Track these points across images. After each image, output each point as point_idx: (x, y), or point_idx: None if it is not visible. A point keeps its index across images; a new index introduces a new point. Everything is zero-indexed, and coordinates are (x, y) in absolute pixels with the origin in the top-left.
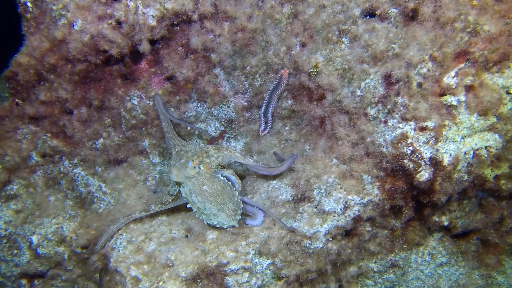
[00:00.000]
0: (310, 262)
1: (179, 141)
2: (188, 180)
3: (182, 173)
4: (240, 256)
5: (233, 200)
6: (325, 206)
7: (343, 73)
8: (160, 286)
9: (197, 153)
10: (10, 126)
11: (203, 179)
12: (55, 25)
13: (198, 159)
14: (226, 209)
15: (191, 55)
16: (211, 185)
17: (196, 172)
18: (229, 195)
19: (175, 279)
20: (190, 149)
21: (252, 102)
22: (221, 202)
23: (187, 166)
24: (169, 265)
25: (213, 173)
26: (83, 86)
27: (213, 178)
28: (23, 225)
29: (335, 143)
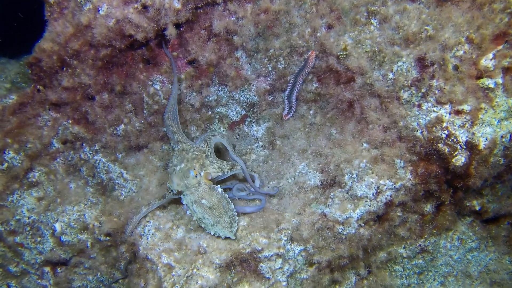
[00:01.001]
0: (342, 247)
1: (182, 137)
2: (189, 190)
3: (183, 182)
4: (273, 242)
5: (229, 214)
6: (357, 191)
7: (373, 56)
8: (194, 273)
9: (196, 157)
10: (32, 113)
11: (203, 192)
12: (81, 10)
13: (198, 162)
14: (222, 221)
15: (213, 38)
16: (210, 198)
17: (197, 182)
18: (225, 209)
19: (209, 266)
20: (190, 148)
21: (275, 85)
22: (218, 215)
23: (189, 175)
24: (202, 252)
25: (211, 185)
26: (105, 71)
27: (212, 191)
28: (45, 212)
29: (365, 127)
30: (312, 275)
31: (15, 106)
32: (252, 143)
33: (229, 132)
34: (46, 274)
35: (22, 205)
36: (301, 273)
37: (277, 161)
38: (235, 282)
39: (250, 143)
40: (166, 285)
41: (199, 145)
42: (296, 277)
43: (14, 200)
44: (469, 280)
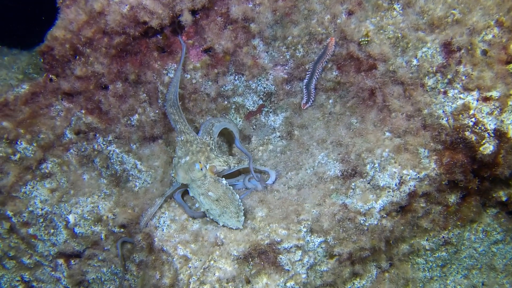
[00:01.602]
0: (364, 239)
1: (185, 127)
2: (195, 183)
3: (189, 176)
4: (293, 233)
5: (234, 204)
6: (379, 181)
7: (396, 42)
8: (212, 265)
9: (201, 149)
10: (44, 103)
11: (208, 184)
12: None
13: (203, 155)
14: (228, 211)
15: (229, 26)
16: (215, 190)
17: (202, 175)
18: (230, 199)
19: (227, 257)
20: (194, 140)
21: (293, 74)
22: (224, 205)
23: (194, 168)
24: (219, 244)
25: (217, 177)
26: (119, 60)
27: (217, 183)
28: (59, 204)
29: (387, 115)
30: (333, 267)
31: (27, 96)
32: (269, 134)
33: (245, 122)
34: (59, 266)
35: (35, 196)
36: (321, 265)
37: (295, 152)
38: (253, 274)
39: (267, 133)
40: (183, 277)
41: (202, 137)
42: (316, 269)
43: (27, 192)
44: (494, 273)
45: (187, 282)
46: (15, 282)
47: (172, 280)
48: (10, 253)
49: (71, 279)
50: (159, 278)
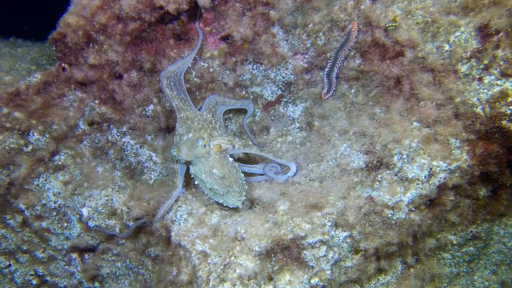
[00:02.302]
0: (391, 234)
1: (184, 104)
2: (198, 160)
3: (192, 152)
4: (317, 228)
5: (238, 183)
6: (408, 173)
7: (425, 27)
8: (232, 261)
9: (203, 126)
10: (57, 93)
11: (213, 161)
12: None
13: (206, 133)
14: (231, 191)
15: (248, 12)
16: (221, 168)
17: (206, 151)
18: (235, 178)
19: (248, 253)
20: (194, 117)
21: (314, 63)
22: (228, 185)
23: (197, 145)
24: (239, 239)
25: (222, 154)
26: (134, 47)
27: (222, 160)
28: (72, 197)
29: (415, 104)
30: (358, 263)
31: (39, 85)
32: (288, 125)
33: (263, 113)
34: (73, 260)
35: (48, 189)
36: (345, 261)
37: (316, 143)
38: (275, 271)
39: (286, 124)
40: (201, 274)
41: (204, 114)
42: (340, 265)
43: (39, 184)
44: None
45: (206, 279)
46: (28, 276)
47: (190, 276)
48: (23, 247)
49: (85, 273)
50: (176, 275)
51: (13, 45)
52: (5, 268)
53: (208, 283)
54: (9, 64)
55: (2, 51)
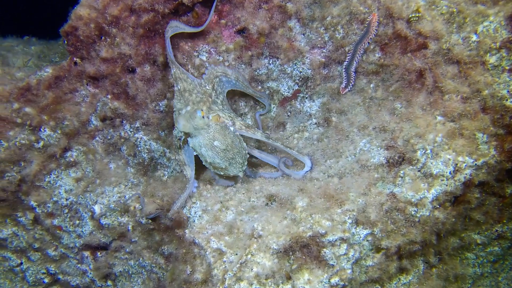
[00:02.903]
0: (415, 232)
1: (182, 73)
2: (197, 131)
3: (191, 124)
4: (337, 225)
5: (241, 153)
6: (432, 168)
7: (450, 18)
8: (249, 259)
9: (202, 99)
10: (69, 87)
11: (214, 132)
12: None
13: (204, 105)
14: (234, 163)
15: (264, 5)
16: (223, 139)
17: (205, 123)
18: (238, 149)
19: (265, 251)
20: (193, 89)
21: (332, 57)
22: (231, 157)
23: (196, 116)
24: (256, 236)
25: (223, 123)
26: (147, 40)
27: (224, 130)
28: (84, 194)
29: (439, 98)
30: (379, 262)
31: (51, 80)
32: (305, 120)
33: (280, 108)
34: (86, 258)
35: (60, 186)
36: (366, 260)
37: (334, 139)
38: (294, 270)
39: (303, 120)
40: (217, 273)
41: (203, 85)
42: (361, 264)
43: (51, 181)
44: None
45: (222, 278)
46: (40, 274)
47: (205, 275)
48: (35, 245)
49: (97, 271)
50: (190, 273)
51: (26, 44)
52: (16, 267)
53: (224, 282)
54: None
55: (16, 49)
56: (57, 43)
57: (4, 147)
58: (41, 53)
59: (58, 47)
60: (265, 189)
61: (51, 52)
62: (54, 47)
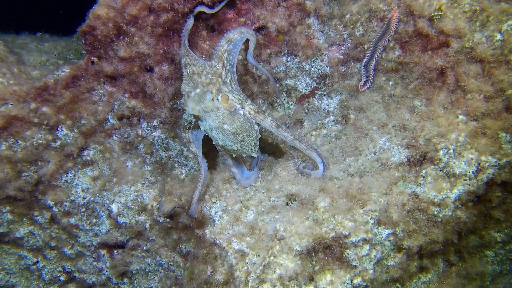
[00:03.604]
0: (437, 232)
1: (190, 59)
2: (207, 114)
3: (200, 107)
4: (360, 226)
5: (252, 136)
6: (455, 168)
7: (473, 16)
8: (272, 261)
9: (211, 81)
10: (86, 87)
11: (223, 116)
12: None
13: (214, 87)
14: (245, 145)
15: (283, 3)
16: (232, 123)
17: (215, 106)
18: (248, 132)
19: (288, 253)
20: (202, 71)
21: (350, 54)
22: (242, 140)
23: (205, 98)
24: (279, 238)
25: (232, 108)
26: (165, 39)
27: (233, 115)
28: (101, 192)
29: (461, 96)
30: (400, 261)
31: (68, 80)
32: (323, 118)
33: (297, 106)
34: (102, 256)
35: (77, 185)
36: (388, 260)
37: (352, 136)
38: (316, 271)
39: (321, 117)
40: (239, 274)
41: (213, 64)
42: (382, 264)
43: (68, 180)
44: None
45: (245, 280)
46: (56, 272)
47: (226, 276)
48: (52, 243)
49: (114, 270)
50: (211, 274)
51: (40, 40)
52: (32, 265)
53: (247, 284)
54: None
55: (30, 46)
56: (70, 39)
57: (21, 147)
58: (55, 50)
59: (71, 43)
60: (285, 188)
61: (64, 49)
62: (67, 44)
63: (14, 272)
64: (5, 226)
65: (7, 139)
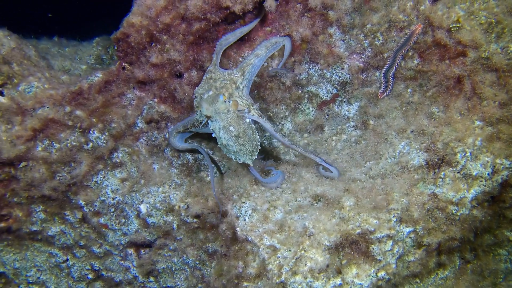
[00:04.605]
0: (454, 229)
1: (214, 67)
2: (218, 115)
3: (213, 107)
4: (383, 223)
5: (252, 144)
6: (471, 170)
7: (488, 28)
8: (303, 255)
9: (225, 85)
10: (117, 91)
11: (231, 119)
12: None
13: (227, 91)
14: (244, 149)
15: (307, 13)
16: (237, 126)
17: (226, 108)
18: (249, 138)
19: (317, 247)
20: (219, 77)
21: (370, 63)
22: (242, 143)
23: (218, 100)
24: (308, 234)
25: (240, 113)
26: (195, 47)
27: (239, 120)
28: (130, 193)
29: (477, 103)
30: (420, 257)
31: (101, 84)
32: (343, 123)
33: (318, 111)
34: (129, 255)
35: (106, 186)
36: (408, 255)
37: (372, 141)
38: (344, 265)
39: (341, 123)
40: (272, 268)
41: (232, 73)
42: (404, 259)
43: (98, 181)
44: None
45: (278, 272)
46: (85, 270)
47: (258, 270)
48: (81, 242)
49: (141, 268)
50: (243, 269)
51: (59, 45)
52: (63, 263)
53: (280, 276)
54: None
55: (52, 51)
56: (90, 44)
57: (56, 149)
58: (76, 55)
59: (91, 49)
60: (310, 189)
61: (85, 54)
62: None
63: (45, 269)
64: (39, 224)
65: (43, 141)
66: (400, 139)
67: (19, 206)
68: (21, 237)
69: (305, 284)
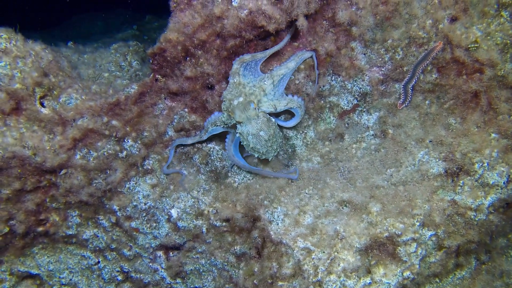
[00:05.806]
0: (472, 233)
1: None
2: (248, 121)
3: (245, 115)
4: (408, 227)
5: (278, 142)
6: (488, 179)
7: (504, 48)
8: (336, 256)
9: (254, 92)
10: (150, 102)
11: (261, 123)
12: (214, 1)
13: (256, 99)
14: (270, 150)
15: (332, 29)
16: (267, 130)
17: (256, 114)
18: (276, 138)
19: (349, 249)
20: (248, 82)
21: (389, 75)
22: (270, 145)
23: (249, 107)
24: (340, 237)
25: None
26: (227, 61)
27: (269, 122)
28: (161, 199)
29: (493, 117)
30: (440, 258)
31: (137, 96)
32: (363, 132)
33: (339, 120)
34: (159, 258)
35: (138, 191)
36: (430, 257)
37: (391, 149)
38: (373, 265)
39: (360, 131)
40: (307, 268)
41: (264, 80)
42: (426, 261)
43: (130, 187)
44: None
45: (314, 272)
46: (115, 272)
47: (293, 270)
48: (113, 245)
49: (169, 270)
50: (277, 269)
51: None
52: (94, 265)
53: (316, 275)
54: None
55: (73, 58)
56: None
57: (93, 157)
58: (96, 62)
59: (109, 55)
60: (336, 195)
61: (105, 61)
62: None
63: (77, 271)
64: (74, 228)
65: (81, 150)
66: (419, 148)
67: (57, 211)
68: (56, 240)
69: (339, 282)
